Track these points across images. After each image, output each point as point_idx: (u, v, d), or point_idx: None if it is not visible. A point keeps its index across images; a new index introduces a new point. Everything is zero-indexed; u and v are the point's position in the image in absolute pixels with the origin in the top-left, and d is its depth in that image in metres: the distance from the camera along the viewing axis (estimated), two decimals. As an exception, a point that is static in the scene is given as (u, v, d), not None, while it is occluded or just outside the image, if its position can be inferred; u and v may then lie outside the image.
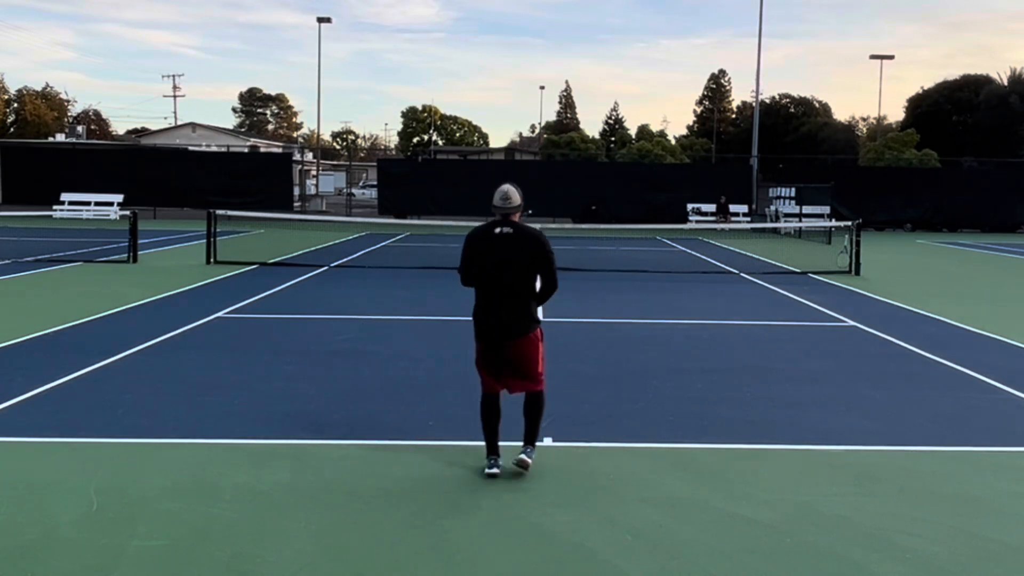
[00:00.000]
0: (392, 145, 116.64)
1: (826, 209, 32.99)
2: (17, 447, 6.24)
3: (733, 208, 36.58)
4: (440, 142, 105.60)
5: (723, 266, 20.52)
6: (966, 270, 21.52)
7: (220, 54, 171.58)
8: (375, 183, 45.68)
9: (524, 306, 5.78)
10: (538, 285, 5.88)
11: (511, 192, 5.84)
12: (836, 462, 6.22)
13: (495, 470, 5.74)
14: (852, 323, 12.25)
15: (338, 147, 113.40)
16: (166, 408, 7.26)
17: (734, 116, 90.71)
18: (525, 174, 38.54)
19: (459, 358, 9.53)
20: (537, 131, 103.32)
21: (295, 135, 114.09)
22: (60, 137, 64.10)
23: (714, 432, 6.88)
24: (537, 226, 6.40)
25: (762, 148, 48.36)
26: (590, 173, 39.77)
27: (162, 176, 36.85)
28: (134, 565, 4.39)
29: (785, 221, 33.54)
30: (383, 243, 25.97)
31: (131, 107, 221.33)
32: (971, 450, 6.62)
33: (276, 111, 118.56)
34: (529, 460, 5.80)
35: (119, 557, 4.47)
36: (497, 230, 5.80)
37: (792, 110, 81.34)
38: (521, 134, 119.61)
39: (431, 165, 46.12)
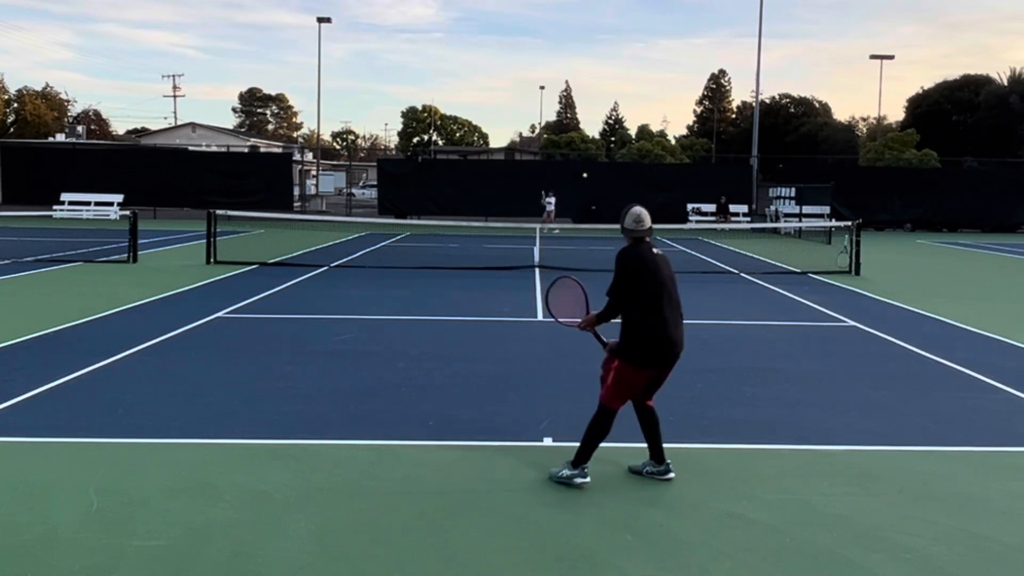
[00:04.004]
0: (392, 145, 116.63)
1: (826, 209, 33.00)
2: (17, 447, 6.24)
3: (733, 208, 36.58)
4: (440, 142, 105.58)
5: (723, 266, 20.51)
6: (966, 270, 21.51)
7: (220, 54, 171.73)
8: (375, 183, 45.67)
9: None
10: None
11: (643, 215, 5.79)
12: (836, 462, 6.22)
13: (587, 481, 5.65)
14: (852, 323, 12.25)
15: (338, 147, 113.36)
16: (166, 408, 7.26)
17: (734, 116, 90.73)
18: (525, 174, 38.61)
19: (459, 358, 9.53)
20: (537, 131, 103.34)
21: (295, 135, 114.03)
22: (60, 137, 64.05)
23: (714, 432, 6.88)
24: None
25: (762, 148, 48.36)
26: (590, 173, 39.77)
27: (162, 176, 36.84)
28: (134, 565, 4.39)
29: (785, 221, 33.54)
30: (383, 243, 25.97)
31: (131, 107, 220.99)
32: (971, 450, 6.62)
33: (276, 111, 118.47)
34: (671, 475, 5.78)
35: (119, 557, 4.47)
36: (656, 251, 5.73)
37: (792, 110, 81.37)
38: (521, 134, 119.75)
39: (431, 165, 46.07)
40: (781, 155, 58.64)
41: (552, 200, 33.87)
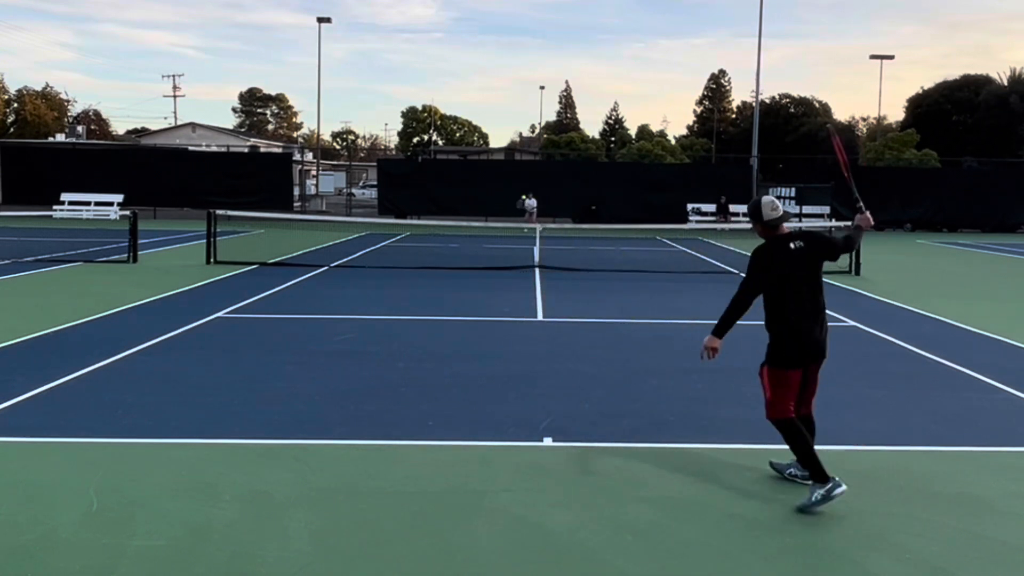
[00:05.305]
0: (392, 145, 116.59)
1: (826, 209, 33.01)
2: (17, 447, 6.24)
3: (733, 208, 36.55)
4: (440, 142, 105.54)
5: (723, 266, 20.52)
6: (966, 270, 21.51)
7: (220, 54, 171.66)
8: (375, 183, 45.68)
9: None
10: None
11: (775, 201, 5.74)
12: (836, 462, 6.20)
13: (844, 487, 5.27)
14: (852, 323, 12.24)
15: (338, 147, 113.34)
16: (166, 408, 7.26)
17: (734, 116, 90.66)
18: (525, 174, 38.61)
19: (459, 358, 9.53)
20: (537, 131, 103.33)
21: (295, 135, 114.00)
22: (60, 137, 64.04)
23: (714, 432, 6.89)
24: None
25: (762, 148, 48.35)
26: (590, 173, 39.78)
27: (162, 176, 36.84)
28: (134, 565, 4.39)
29: (785, 221, 33.48)
30: (383, 243, 25.97)
31: (131, 107, 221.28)
32: (971, 450, 6.63)
33: (276, 111, 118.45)
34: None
35: (119, 557, 4.47)
36: (792, 244, 5.63)
37: (792, 110, 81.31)
38: (521, 134, 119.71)
39: (431, 165, 46.12)
40: (781, 155, 58.69)
41: (533, 202, 33.95)
